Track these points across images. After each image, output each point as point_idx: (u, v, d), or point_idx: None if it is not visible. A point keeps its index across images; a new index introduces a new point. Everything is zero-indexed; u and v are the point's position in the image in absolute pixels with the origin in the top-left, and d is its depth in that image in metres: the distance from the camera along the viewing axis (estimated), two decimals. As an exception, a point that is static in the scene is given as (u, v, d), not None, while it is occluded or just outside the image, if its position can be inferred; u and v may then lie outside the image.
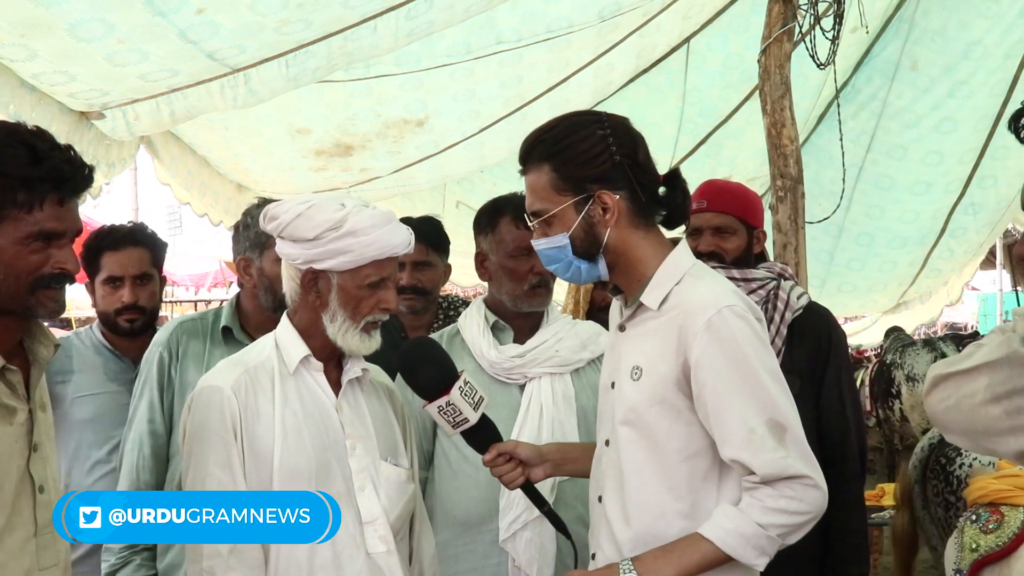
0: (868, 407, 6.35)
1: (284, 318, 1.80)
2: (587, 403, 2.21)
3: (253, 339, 2.30)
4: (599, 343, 2.25)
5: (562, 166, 1.62)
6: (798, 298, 2.39)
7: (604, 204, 1.60)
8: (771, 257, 3.16)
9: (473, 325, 2.23)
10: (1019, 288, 1.70)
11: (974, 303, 16.78)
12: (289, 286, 1.76)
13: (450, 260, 2.92)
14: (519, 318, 2.24)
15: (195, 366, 2.25)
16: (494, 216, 2.25)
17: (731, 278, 2.32)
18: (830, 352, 2.35)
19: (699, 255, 2.40)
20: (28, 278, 1.46)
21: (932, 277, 6.94)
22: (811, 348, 2.34)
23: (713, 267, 2.34)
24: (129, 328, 2.61)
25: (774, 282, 2.41)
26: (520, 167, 1.70)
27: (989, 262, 8.96)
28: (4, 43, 2.50)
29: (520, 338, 2.23)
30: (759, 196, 2.64)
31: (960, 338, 7.45)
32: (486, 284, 2.33)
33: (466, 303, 3.02)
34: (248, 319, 2.34)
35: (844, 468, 2.26)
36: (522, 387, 2.18)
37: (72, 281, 1.55)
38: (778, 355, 2.29)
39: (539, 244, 1.68)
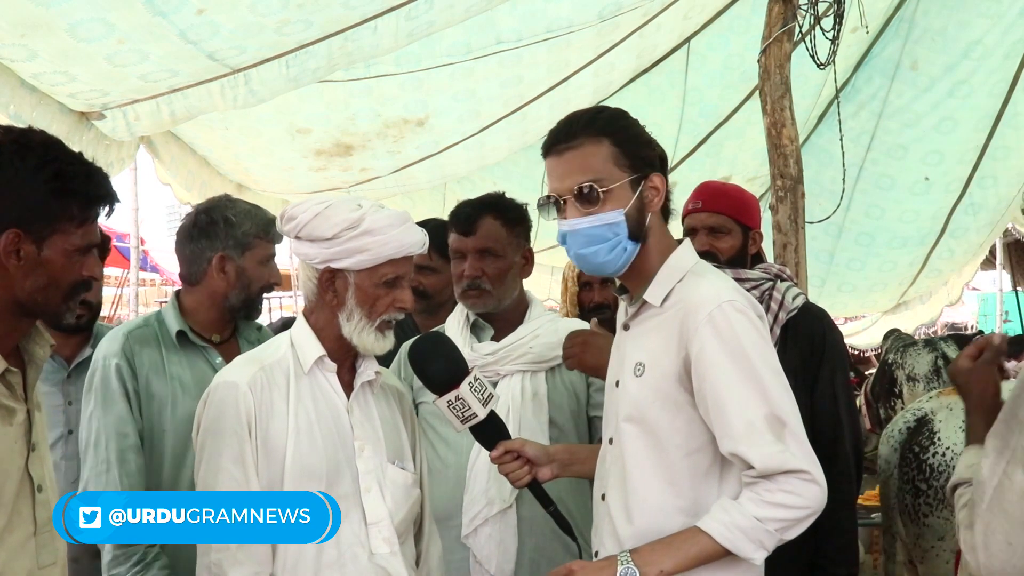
0: (868, 424, 6.12)
1: (300, 317, 1.82)
2: (560, 401, 2.23)
3: (208, 340, 2.27)
4: None
5: (625, 142, 1.62)
6: (793, 299, 2.39)
7: (654, 186, 1.63)
8: (771, 257, 3.16)
9: (454, 323, 2.26)
10: (1020, 288, 1.73)
11: (974, 303, 16.79)
12: (306, 286, 1.78)
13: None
14: (499, 317, 2.26)
15: (156, 376, 2.18)
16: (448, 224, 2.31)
17: None
18: (824, 352, 2.35)
19: None
20: (67, 288, 1.52)
21: (932, 277, 6.94)
22: (805, 348, 2.35)
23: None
24: (76, 324, 2.50)
25: (769, 282, 2.41)
26: (562, 143, 1.64)
27: (989, 262, 8.96)
28: (4, 43, 2.50)
29: (500, 336, 2.25)
30: (756, 197, 2.65)
31: (962, 338, 7.45)
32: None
33: None
34: (195, 320, 2.27)
35: (836, 468, 2.25)
36: (493, 386, 2.17)
37: (92, 288, 1.60)
38: None
39: (583, 223, 1.61)
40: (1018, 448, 1.35)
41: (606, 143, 1.62)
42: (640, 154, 1.63)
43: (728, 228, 2.44)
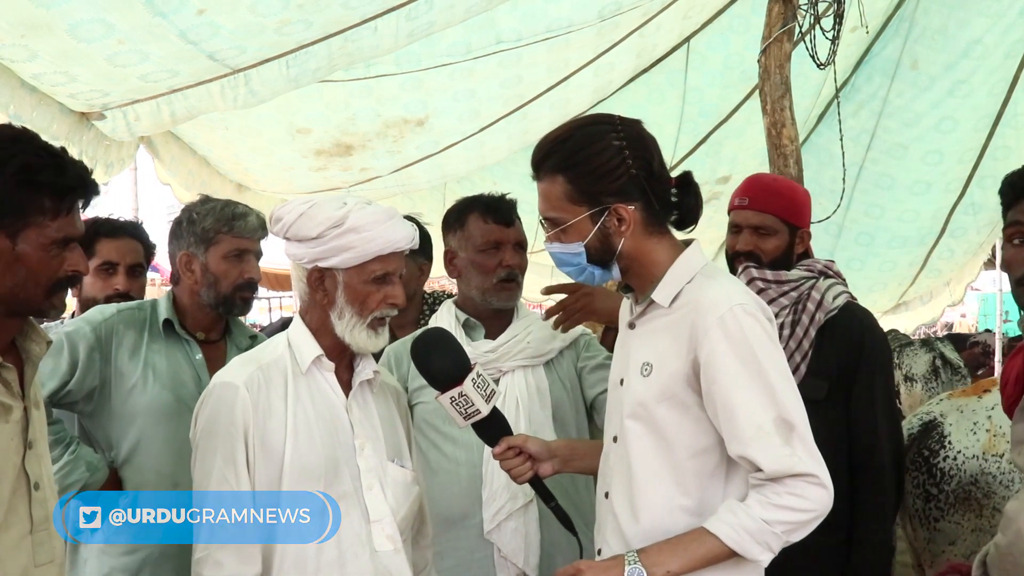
0: None
1: (296, 317, 1.83)
2: (559, 395, 2.25)
3: (192, 335, 2.30)
4: (569, 332, 2.29)
5: (577, 179, 1.61)
6: (834, 298, 2.31)
7: (619, 216, 1.61)
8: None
9: (444, 325, 2.25)
10: None
11: (974, 303, 16.76)
12: (298, 287, 1.79)
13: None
14: (489, 316, 2.27)
15: (131, 357, 2.21)
16: (463, 214, 2.29)
17: (763, 279, 2.30)
18: (861, 355, 2.26)
19: (736, 254, 2.37)
20: (47, 283, 1.51)
21: (932, 277, 6.93)
22: (842, 351, 2.27)
23: (746, 267, 2.31)
24: None
25: (810, 281, 2.33)
26: (533, 173, 1.69)
27: (990, 262, 8.94)
28: (4, 43, 2.50)
29: (492, 335, 2.27)
30: (808, 193, 2.55)
31: (960, 338, 7.43)
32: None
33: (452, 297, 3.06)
34: (185, 315, 2.31)
35: (869, 476, 2.21)
36: (496, 382, 2.19)
37: (80, 282, 1.59)
38: (804, 357, 2.25)
39: (553, 248, 1.68)
40: None
41: (560, 180, 1.62)
42: (597, 188, 1.60)
43: (774, 229, 2.35)
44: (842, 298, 2.33)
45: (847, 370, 2.26)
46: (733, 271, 2.38)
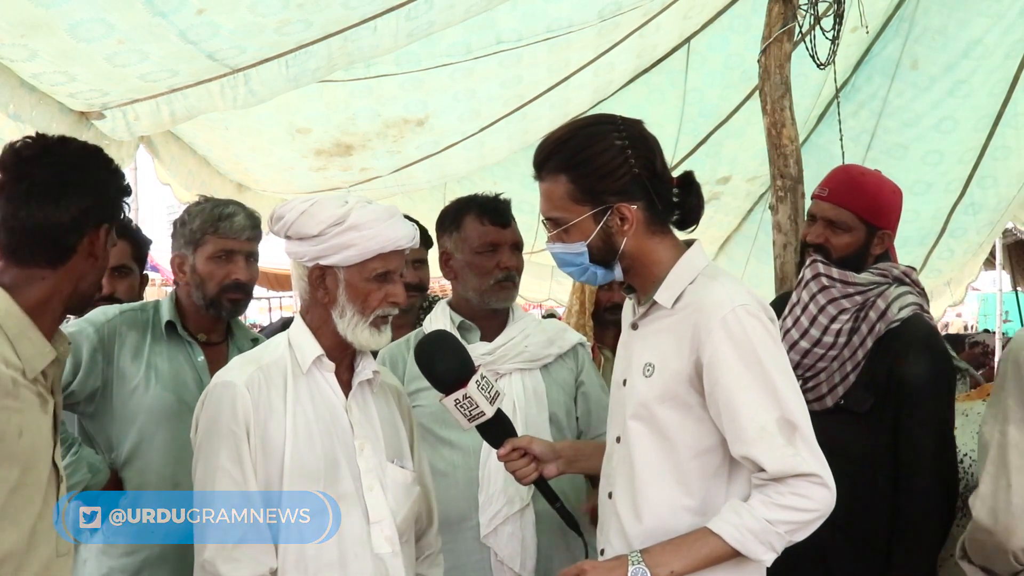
0: None
1: (297, 317, 1.83)
2: (556, 398, 2.25)
3: (194, 337, 2.31)
4: (566, 338, 2.30)
5: (580, 179, 1.62)
6: (900, 309, 2.20)
7: (622, 215, 1.61)
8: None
9: (439, 327, 2.25)
10: (1021, 288, 1.81)
11: (974, 303, 16.78)
12: (299, 285, 1.79)
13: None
14: (485, 317, 2.27)
15: (133, 358, 2.22)
16: (459, 215, 2.28)
17: (828, 276, 2.23)
18: (915, 373, 2.14)
19: (806, 244, 2.31)
20: (103, 278, 1.65)
21: (932, 277, 6.92)
22: (894, 365, 2.16)
23: (813, 260, 2.25)
24: None
25: (881, 287, 2.23)
26: (535, 173, 1.69)
27: (989, 262, 8.96)
28: (4, 43, 2.50)
29: (487, 337, 2.26)
30: (899, 192, 2.42)
31: (957, 339, 7.42)
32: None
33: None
34: (187, 316, 2.32)
35: (911, 499, 2.13)
36: None
37: None
38: (856, 367, 2.20)
39: (555, 248, 1.68)
40: (1008, 408, 1.61)
41: (563, 180, 1.63)
42: (600, 188, 1.61)
43: (849, 225, 2.26)
44: (908, 309, 2.21)
45: (896, 386, 2.16)
46: (804, 260, 2.32)
